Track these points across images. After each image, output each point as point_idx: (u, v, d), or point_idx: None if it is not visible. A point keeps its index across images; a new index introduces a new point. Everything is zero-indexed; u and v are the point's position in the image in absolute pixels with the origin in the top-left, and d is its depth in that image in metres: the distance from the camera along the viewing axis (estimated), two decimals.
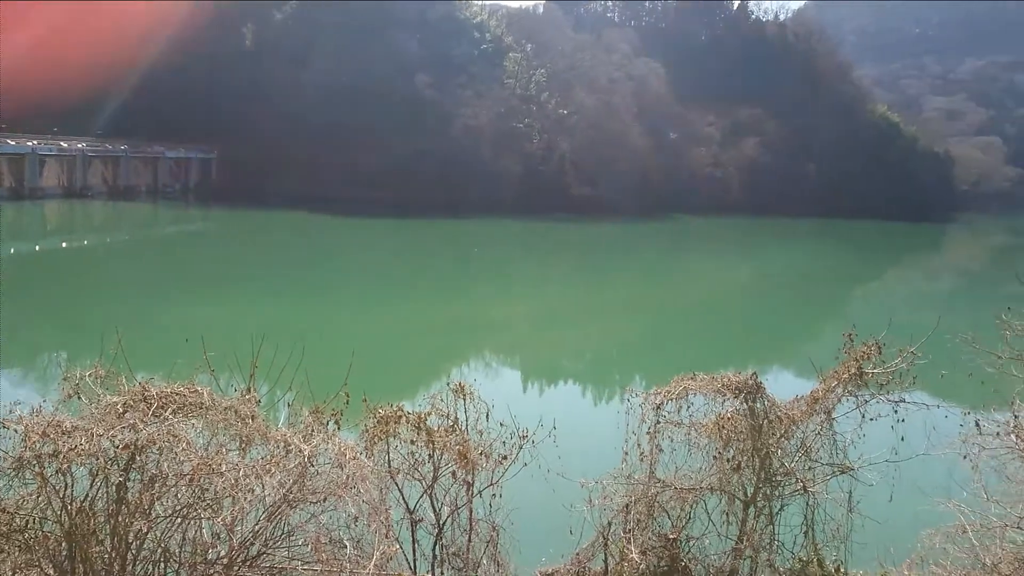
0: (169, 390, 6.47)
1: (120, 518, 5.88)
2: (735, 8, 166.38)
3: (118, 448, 5.85)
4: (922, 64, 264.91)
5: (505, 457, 8.50)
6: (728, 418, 8.84)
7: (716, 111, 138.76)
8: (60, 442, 5.70)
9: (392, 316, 44.39)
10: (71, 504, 5.85)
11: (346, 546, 6.42)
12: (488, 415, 8.55)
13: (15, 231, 69.09)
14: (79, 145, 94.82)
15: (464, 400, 8.54)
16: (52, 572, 5.83)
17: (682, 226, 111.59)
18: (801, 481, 8.98)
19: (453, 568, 8.72)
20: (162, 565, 6.09)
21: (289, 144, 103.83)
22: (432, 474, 8.44)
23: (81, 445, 5.68)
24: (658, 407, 8.96)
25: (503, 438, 8.54)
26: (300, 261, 64.01)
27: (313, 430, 7.07)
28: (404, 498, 8.45)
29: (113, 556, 5.88)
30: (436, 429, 8.38)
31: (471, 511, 8.64)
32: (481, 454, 8.46)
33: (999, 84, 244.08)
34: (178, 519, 6.02)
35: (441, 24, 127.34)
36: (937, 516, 8.79)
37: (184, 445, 5.96)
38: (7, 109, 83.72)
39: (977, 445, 8.56)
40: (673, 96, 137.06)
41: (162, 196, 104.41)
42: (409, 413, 8.35)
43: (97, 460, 5.80)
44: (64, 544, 5.85)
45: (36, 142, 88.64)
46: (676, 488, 9.04)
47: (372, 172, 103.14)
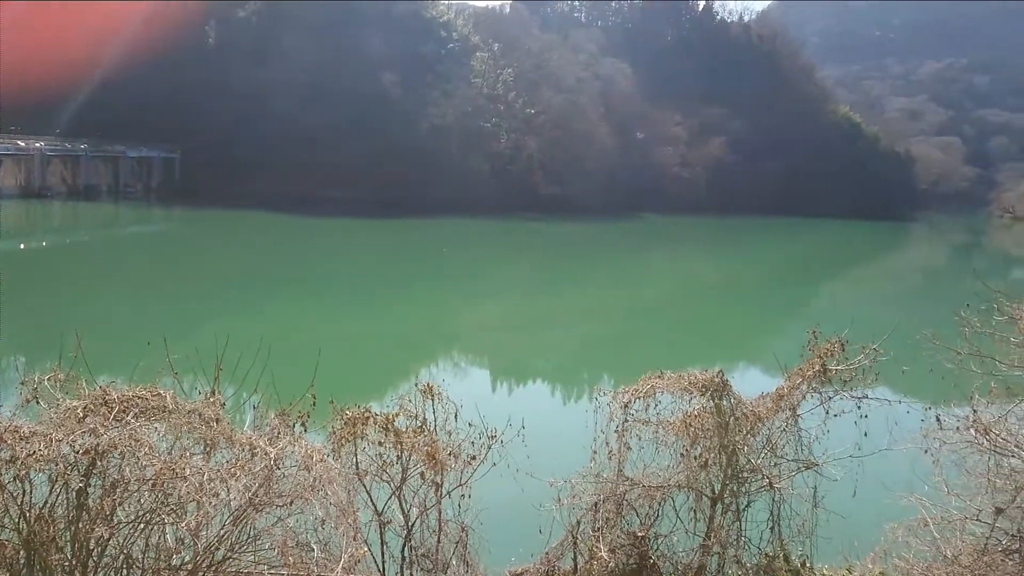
0: (131, 394, 6.35)
1: (81, 525, 5.76)
2: (700, 9, 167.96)
3: (78, 453, 5.74)
4: (884, 65, 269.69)
5: (474, 457, 8.48)
6: (695, 416, 8.91)
7: (682, 111, 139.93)
8: (18, 448, 5.58)
9: (359, 316, 44.11)
10: (29, 511, 5.72)
11: (313, 549, 6.36)
12: (457, 415, 8.53)
13: None
14: (37, 144, 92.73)
15: (432, 401, 8.50)
16: None
17: (649, 225, 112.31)
18: (767, 477, 9.09)
19: (422, 569, 8.68)
20: (125, 572, 5.98)
21: (253, 143, 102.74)
22: (400, 475, 8.39)
23: (40, 451, 5.56)
24: (626, 405, 9.00)
25: (472, 438, 8.52)
26: (264, 261, 63.35)
27: (279, 432, 7.00)
28: (372, 500, 8.39)
29: (74, 564, 5.77)
30: (404, 430, 8.33)
31: (440, 512, 8.61)
32: (450, 454, 8.43)
33: (958, 85, 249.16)
34: (141, 525, 5.92)
35: (407, 22, 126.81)
36: (900, 510, 8.95)
37: (147, 449, 5.86)
38: None
39: (938, 440, 8.72)
40: (640, 96, 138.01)
41: (124, 196, 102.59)
42: (377, 414, 8.29)
43: (56, 466, 5.68)
44: (22, 552, 5.72)
45: None
46: (644, 486, 9.09)
47: (338, 171, 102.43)
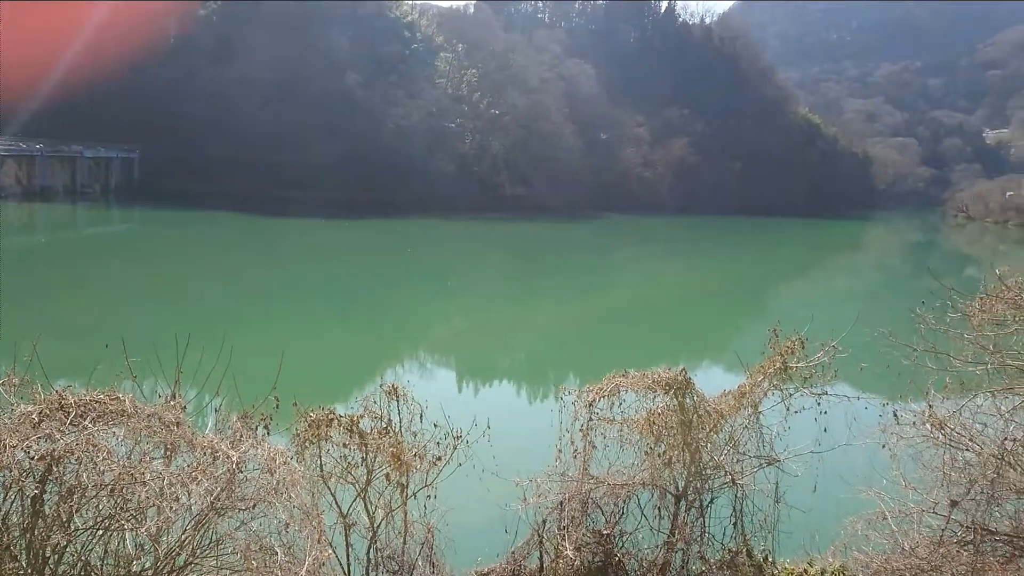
0: (88, 398, 6.23)
1: (36, 532, 5.64)
2: (663, 11, 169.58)
3: (33, 459, 5.61)
4: (841, 68, 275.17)
5: (439, 458, 8.46)
6: (659, 414, 8.99)
7: (645, 112, 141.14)
8: None
9: (323, 317, 43.76)
10: None
11: (277, 553, 6.29)
12: (422, 416, 8.49)
13: None
14: None
15: (398, 401, 8.46)
16: None
17: (613, 225, 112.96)
18: (730, 474, 9.20)
19: (388, 571, 8.64)
20: None
21: (216, 143, 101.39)
22: (365, 477, 8.34)
23: None
24: (591, 404, 9.04)
25: (437, 439, 8.50)
26: (227, 262, 62.59)
27: (242, 435, 6.90)
28: (337, 502, 8.33)
29: (29, 572, 5.64)
30: (369, 431, 8.28)
31: (406, 513, 8.58)
32: (415, 455, 8.40)
33: (913, 88, 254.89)
34: (99, 531, 5.81)
35: (371, 22, 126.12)
36: (859, 504, 9.12)
37: (105, 454, 5.75)
38: None
39: (895, 435, 8.90)
40: (603, 97, 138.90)
41: (81, 197, 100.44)
42: (341, 416, 8.23)
43: (11, 472, 5.55)
44: None
45: None
46: (609, 484, 9.15)
47: (302, 172, 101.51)
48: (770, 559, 9.28)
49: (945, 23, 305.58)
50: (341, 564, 8.35)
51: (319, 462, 8.17)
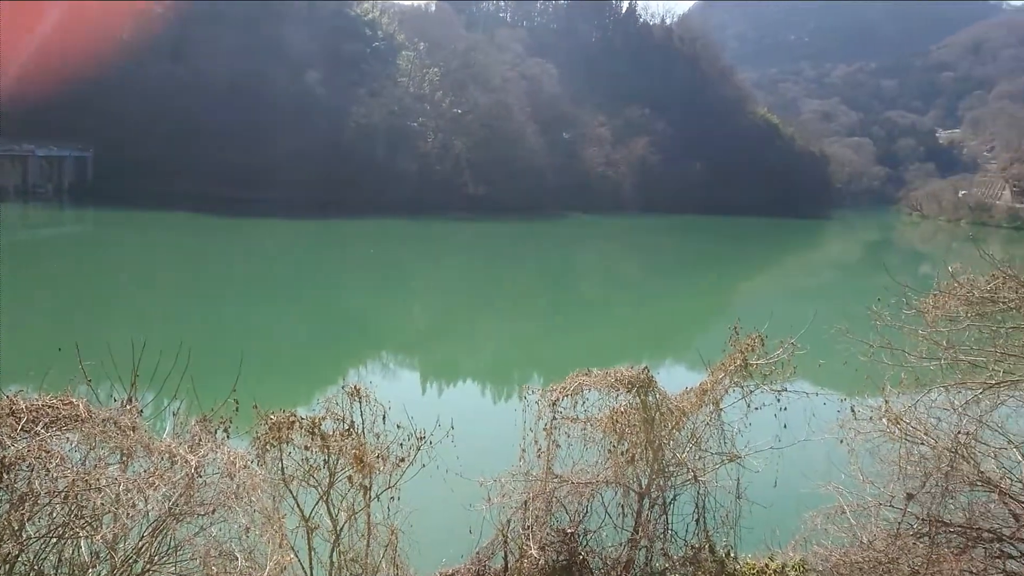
0: (41, 403, 6.08)
1: None
2: (624, 11, 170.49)
3: None
4: (798, 69, 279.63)
5: (403, 459, 8.40)
6: (622, 412, 9.03)
7: (607, 111, 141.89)
8: None
9: (284, 319, 43.29)
10: None
11: (237, 558, 6.20)
12: (385, 417, 8.42)
13: None
14: None
15: (360, 403, 8.38)
16: None
17: (576, 224, 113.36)
18: (692, 471, 9.28)
19: (351, 574, 8.56)
20: None
21: (174, 142, 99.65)
22: (328, 479, 8.25)
23: None
24: (554, 403, 9.05)
25: (401, 440, 8.43)
26: (182, 263, 61.55)
27: (200, 439, 6.79)
28: (299, 505, 8.23)
29: None
30: (331, 433, 8.19)
31: (369, 515, 8.51)
32: (378, 457, 8.32)
33: (868, 88, 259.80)
34: (52, 539, 5.67)
35: (331, 20, 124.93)
36: (818, 498, 9.27)
37: (58, 461, 5.61)
38: None
39: (853, 430, 9.07)
40: (565, 96, 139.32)
41: (33, 197, 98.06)
42: (303, 418, 8.13)
43: None
44: None
45: None
46: (573, 483, 9.17)
47: (262, 171, 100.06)
48: (732, 554, 9.38)
49: (899, 25, 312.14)
50: (303, 568, 8.25)
51: (280, 465, 8.07)
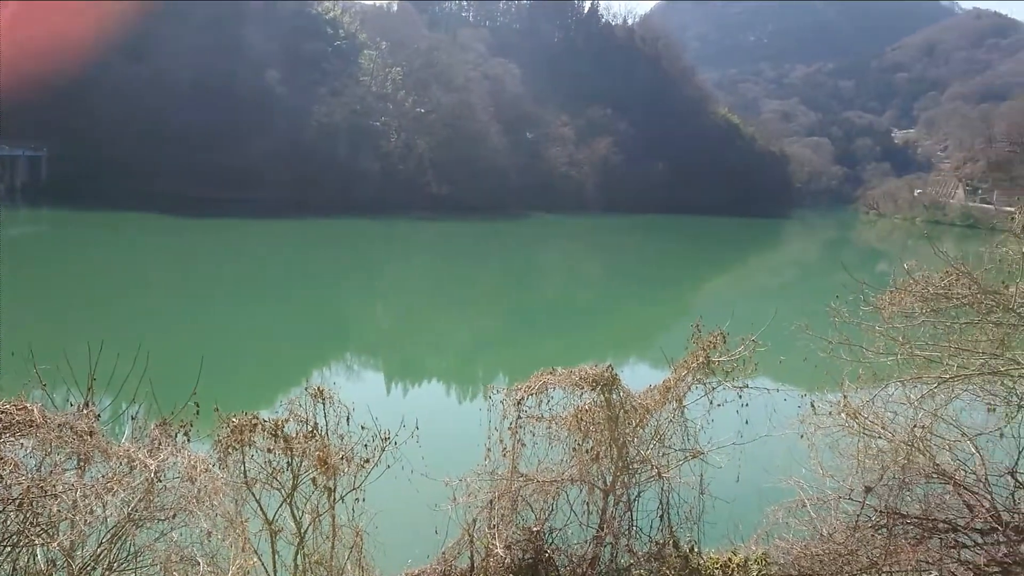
0: None
1: None
2: (586, 11, 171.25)
3: None
4: (758, 69, 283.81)
5: (367, 460, 8.35)
6: (586, 410, 9.07)
7: (570, 111, 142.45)
8: None
9: (245, 320, 42.79)
10: None
11: (199, 563, 6.12)
12: (349, 418, 8.36)
13: None
14: None
15: (323, 404, 8.30)
16: None
17: (539, 224, 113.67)
18: (656, 467, 9.35)
19: None
20: None
21: (131, 142, 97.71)
22: (291, 482, 8.17)
23: None
24: (519, 402, 9.06)
25: (365, 441, 8.38)
26: (139, 265, 60.48)
27: (160, 443, 6.69)
28: (262, 508, 8.13)
29: None
30: (294, 435, 8.11)
31: (333, 517, 8.44)
32: (342, 459, 8.26)
33: (825, 89, 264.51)
34: (7, 548, 5.54)
35: (292, 19, 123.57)
36: (779, 492, 9.41)
37: (11, 467, 5.49)
38: None
39: (813, 424, 9.22)
40: (528, 96, 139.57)
41: None
42: (265, 420, 8.04)
43: None
44: None
45: None
46: (539, 481, 9.19)
47: (221, 172, 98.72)
48: (696, 550, 9.47)
49: (856, 27, 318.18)
50: (267, 571, 8.16)
51: (243, 468, 7.97)
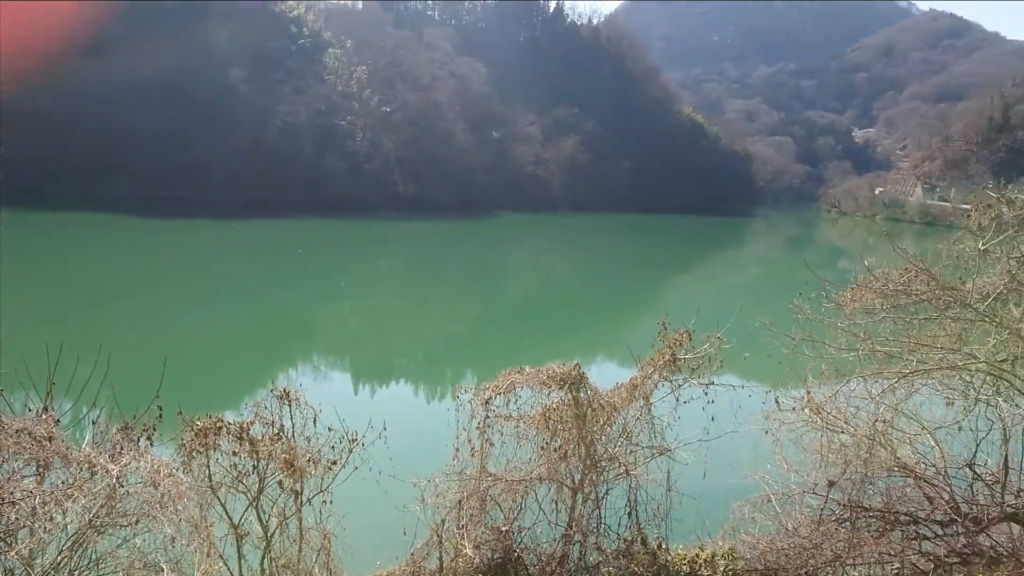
0: None
1: None
2: (551, 11, 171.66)
3: None
4: (722, 69, 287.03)
5: (335, 462, 8.29)
6: (554, 409, 9.09)
7: (537, 110, 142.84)
8: None
9: (208, 322, 42.26)
10: None
11: (163, 569, 6.03)
12: (316, 420, 8.30)
13: None
14: None
15: (290, 406, 8.23)
16: None
17: (506, 223, 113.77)
18: (624, 465, 9.40)
19: None
20: None
21: (89, 141, 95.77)
22: (258, 485, 8.08)
23: None
24: (487, 402, 9.06)
25: (332, 443, 8.32)
26: (100, 266, 59.35)
27: (122, 448, 6.58)
28: (228, 512, 8.04)
29: None
30: (260, 438, 8.02)
31: (301, 520, 8.37)
32: (309, 461, 8.20)
33: (787, 89, 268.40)
34: None
35: (255, 17, 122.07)
36: (745, 488, 9.53)
37: None
38: None
39: (777, 420, 9.36)
40: (495, 95, 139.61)
41: None
42: (230, 423, 7.94)
43: None
44: None
45: None
46: (507, 480, 9.20)
47: (184, 171, 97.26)
48: (664, 546, 9.53)
49: (816, 28, 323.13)
50: None
51: (207, 472, 7.86)
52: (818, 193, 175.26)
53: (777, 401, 9.49)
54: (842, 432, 9.25)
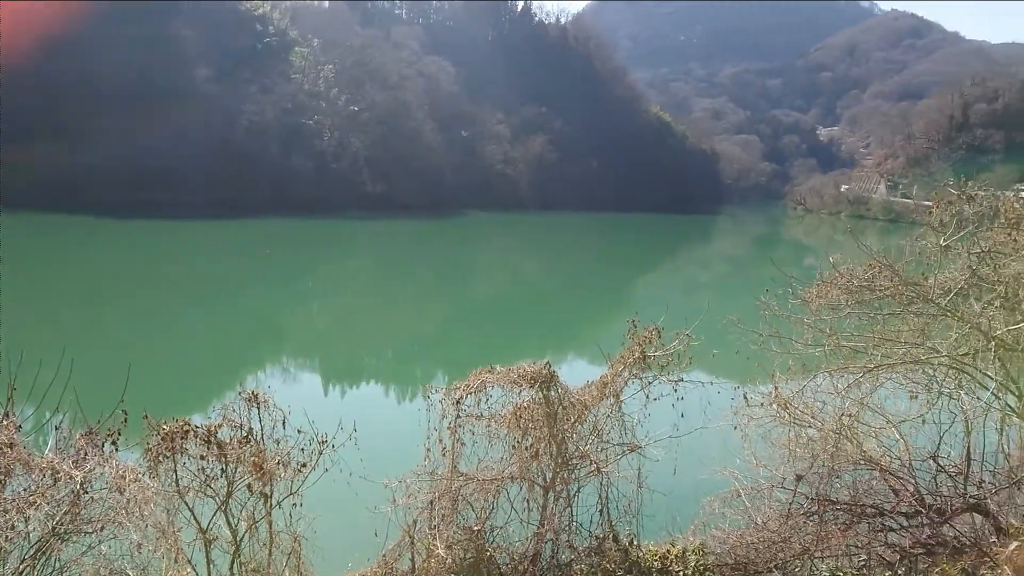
0: None
1: None
2: (519, 10, 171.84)
3: None
4: (689, 69, 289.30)
5: (304, 465, 8.21)
6: (525, 407, 9.09)
7: (505, 109, 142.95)
8: None
9: (175, 325, 41.70)
10: None
11: (129, 575, 5.94)
12: (285, 422, 8.21)
13: None
14: None
15: (258, 408, 8.14)
16: None
17: (476, 222, 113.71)
18: (595, 463, 9.43)
19: None
20: None
21: (50, 142, 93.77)
22: (226, 489, 7.99)
23: None
24: (458, 401, 9.04)
25: (302, 445, 8.24)
26: (63, 269, 58.27)
27: (86, 453, 6.46)
28: (196, 517, 7.93)
29: None
30: (228, 441, 7.92)
31: (270, 523, 8.28)
32: (279, 464, 8.10)
33: (753, 88, 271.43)
34: None
35: (219, 15, 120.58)
36: (715, 483, 9.62)
37: None
38: None
39: (746, 416, 9.46)
40: (463, 94, 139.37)
41: None
42: (197, 427, 7.83)
43: None
44: None
45: None
46: (479, 480, 9.18)
47: (147, 172, 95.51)
48: (635, 542, 9.57)
49: (781, 28, 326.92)
50: None
51: (175, 476, 7.75)
52: (784, 191, 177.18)
53: (745, 397, 9.60)
54: (809, 427, 9.37)
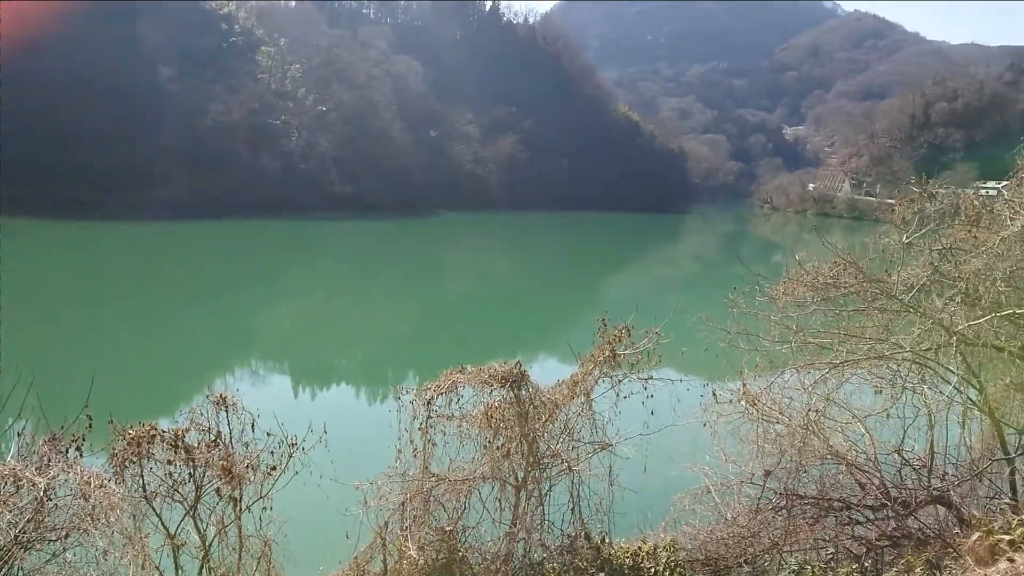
0: None
1: None
2: (487, 9, 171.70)
3: None
4: (656, 69, 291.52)
5: (274, 468, 8.13)
6: (496, 407, 9.09)
7: (474, 110, 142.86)
8: None
9: (140, 328, 41.09)
10: None
11: None
12: (254, 425, 8.13)
13: None
14: None
15: (227, 412, 8.05)
16: None
17: (446, 222, 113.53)
18: (566, 461, 9.45)
19: None
20: None
21: (13, 142, 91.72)
22: (194, 494, 7.89)
23: None
24: (429, 402, 9.02)
25: (271, 448, 8.16)
26: (24, 273, 56.97)
27: (50, 460, 6.35)
28: (163, 522, 7.82)
29: None
30: (196, 445, 7.83)
31: (240, 528, 8.19)
32: (248, 467, 8.02)
33: (720, 88, 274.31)
34: None
35: (184, 14, 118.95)
36: (685, 480, 9.69)
37: None
38: None
39: (715, 412, 9.55)
40: (432, 94, 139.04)
41: None
42: (165, 431, 7.73)
43: None
44: None
45: None
46: (450, 480, 9.16)
47: (111, 172, 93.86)
48: (607, 540, 9.61)
49: (747, 28, 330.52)
50: None
51: (141, 482, 7.64)
52: (751, 190, 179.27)
53: (714, 394, 9.69)
54: (777, 422, 9.48)
